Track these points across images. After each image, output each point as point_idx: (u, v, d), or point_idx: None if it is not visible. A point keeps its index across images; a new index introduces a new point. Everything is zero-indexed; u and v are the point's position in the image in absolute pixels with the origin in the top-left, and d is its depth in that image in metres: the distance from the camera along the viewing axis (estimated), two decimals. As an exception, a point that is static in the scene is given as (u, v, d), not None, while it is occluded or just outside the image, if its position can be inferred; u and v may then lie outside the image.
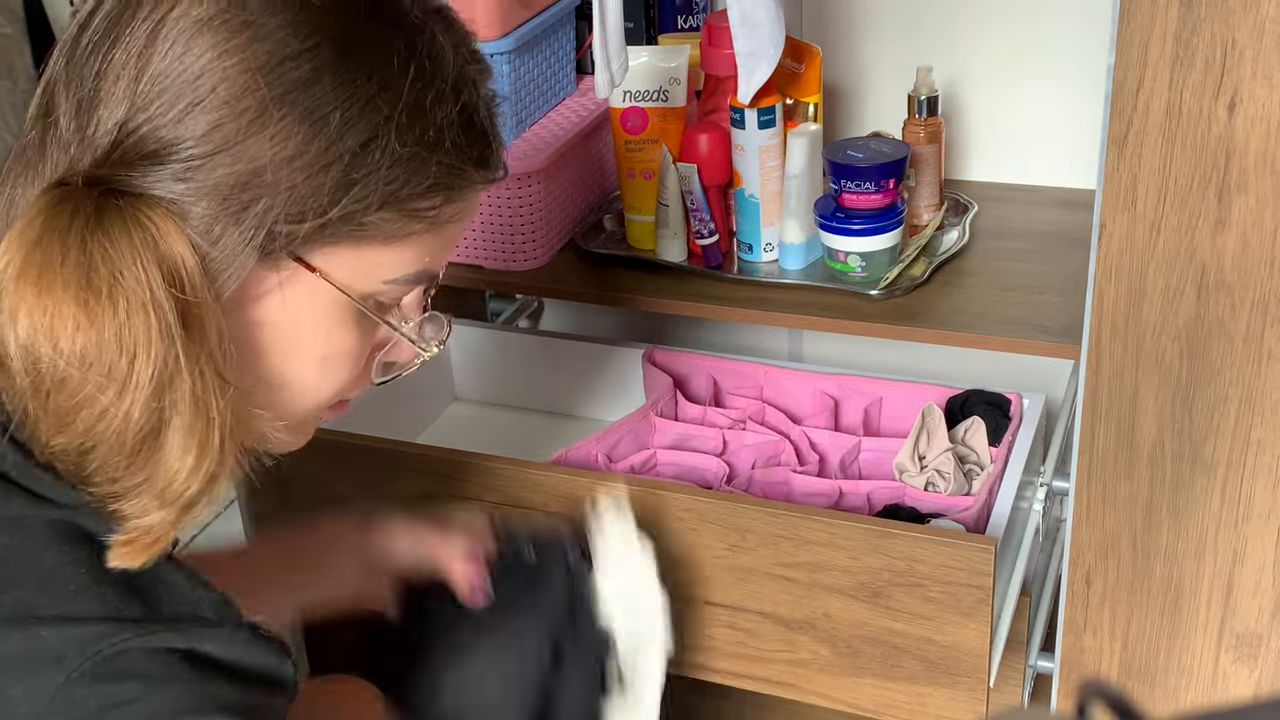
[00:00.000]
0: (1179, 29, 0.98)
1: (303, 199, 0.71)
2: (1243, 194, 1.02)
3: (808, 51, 1.35)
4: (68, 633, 0.68)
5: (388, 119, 0.72)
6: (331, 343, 0.77)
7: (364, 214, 0.73)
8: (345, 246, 0.74)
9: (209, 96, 0.69)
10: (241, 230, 0.70)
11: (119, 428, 0.68)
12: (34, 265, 0.67)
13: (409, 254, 0.77)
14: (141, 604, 0.70)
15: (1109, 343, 1.11)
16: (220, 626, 0.72)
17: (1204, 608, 1.18)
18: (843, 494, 1.32)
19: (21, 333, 0.67)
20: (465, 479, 1.28)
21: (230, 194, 0.70)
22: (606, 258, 1.43)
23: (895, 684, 1.21)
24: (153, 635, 0.69)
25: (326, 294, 0.75)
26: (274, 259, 0.73)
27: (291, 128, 0.70)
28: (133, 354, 0.67)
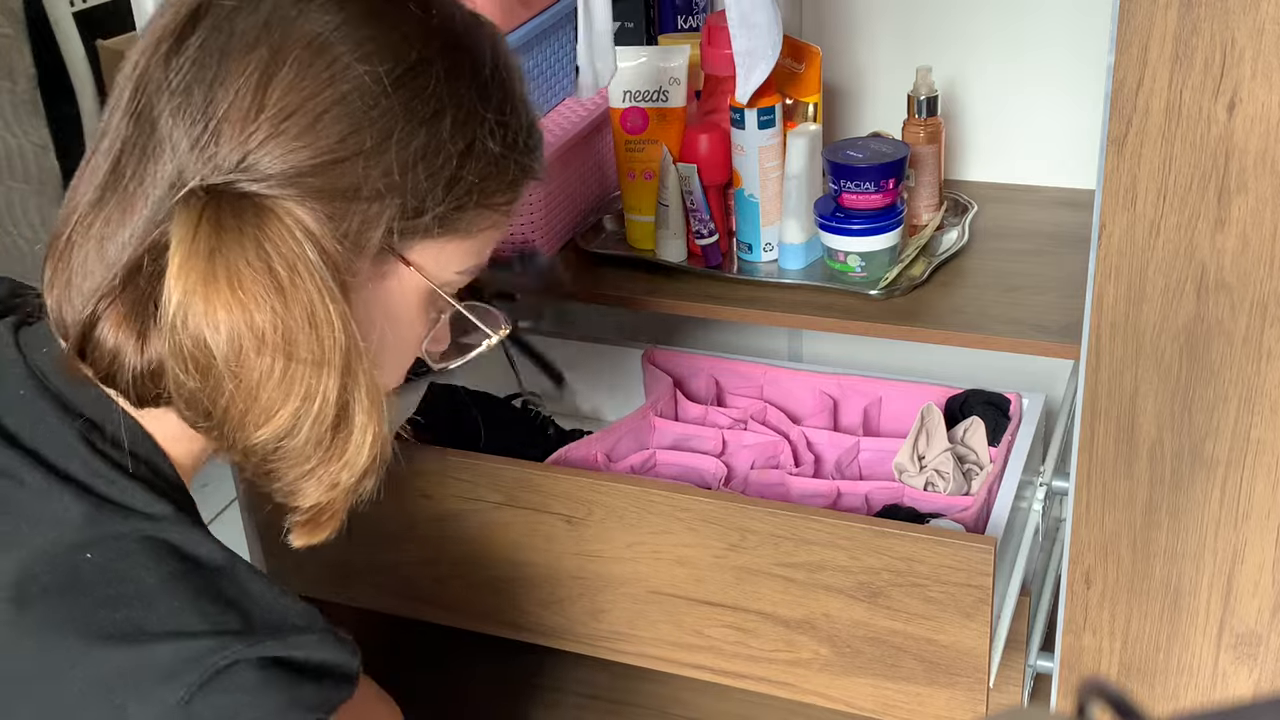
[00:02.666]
0: (1179, 29, 0.98)
1: (419, 198, 0.76)
2: (1242, 194, 1.02)
3: (807, 51, 1.36)
4: (180, 648, 0.71)
5: (482, 123, 0.78)
6: (411, 331, 0.83)
7: (461, 211, 0.79)
8: (437, 242, 0.80)
9: (337, 107, 0.73)
10: (365, 228, 0.75)
11: (319, 408, 0.73)
12: (221, 267, 0.70)
13: (479, 246, 0.83)
14: (239, 615, 0.74)
15: (1109, 342, 1.11)
16: (311, 633, 0.76)
17: (1204, 607, 1.18)
18: (841, 494, 1.32)
19: (224, 331, 0.71)
20: (465, 479, 1.28)
21: (359, 195, 0.74)
22: (606, 258, 1.43)
23: (895, 684, 1.21)
24: (259, 645, 0.73)
25: (416, 285, 0.81)
26: (383, 256, 0.78)
27: (414, 133, 0.75)
28: (322, 335, 0.72)
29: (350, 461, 0.76)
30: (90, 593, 0.72)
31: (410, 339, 0.84)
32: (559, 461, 1.32)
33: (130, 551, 0.74)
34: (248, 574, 0.77)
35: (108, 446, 0.77)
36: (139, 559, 0.74)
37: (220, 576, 0.76)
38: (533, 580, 1.31)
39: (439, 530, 1.32)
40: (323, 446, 0.75)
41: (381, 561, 1.38)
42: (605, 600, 1.29)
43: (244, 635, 0.73)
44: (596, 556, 1.27)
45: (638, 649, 1.31)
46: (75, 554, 0.73)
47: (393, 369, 0.85)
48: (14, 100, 1.32)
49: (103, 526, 0.74)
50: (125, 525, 0.75)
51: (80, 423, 0.78)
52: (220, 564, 0.76)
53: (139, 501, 0.76)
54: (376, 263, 0.78)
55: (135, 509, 0.76)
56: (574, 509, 1.25)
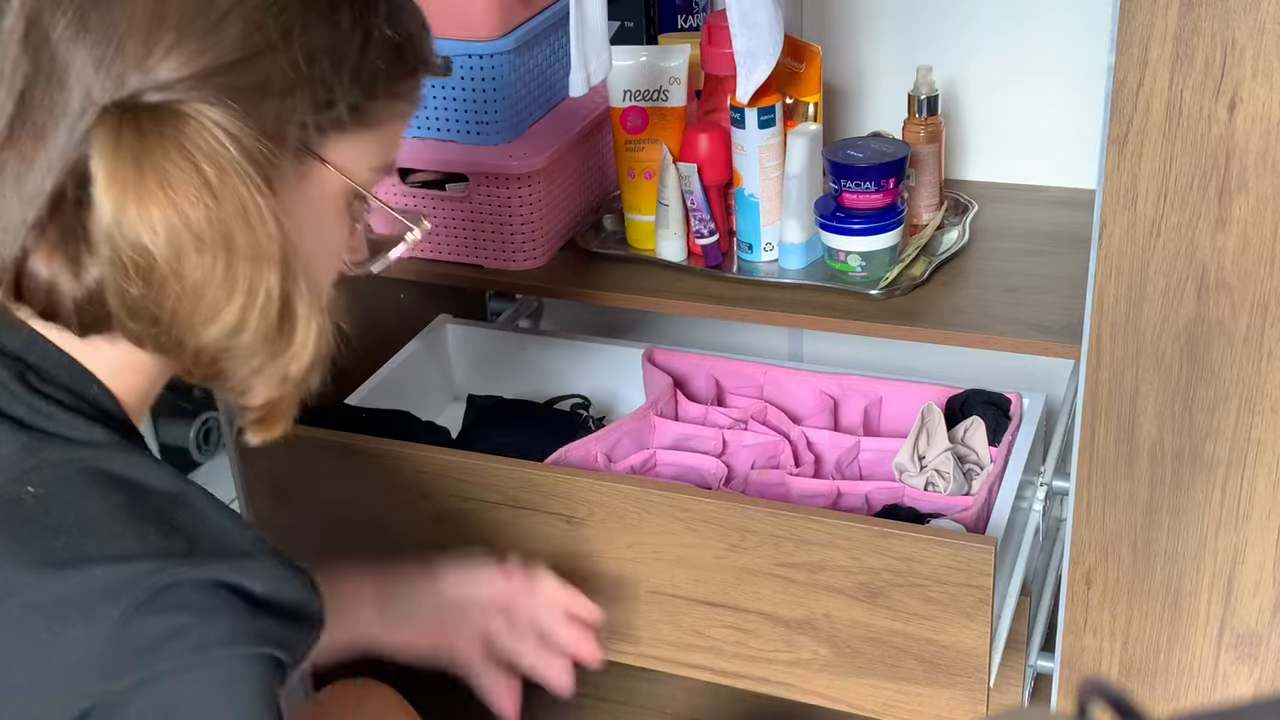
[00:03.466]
0: (1179, 29, 0.98)
1: (328, 89, 0.78)
2: (1243, 193, 1.02)
3: (808, 51, 1.35)
4: (120, 570, 0.71)
5: (376, 13, 0.80)
6: (336, 234, 0.85)
7: (369, 100, 0.80)
8: (349, 137, 0.81)
9: (237, 8, 0.75)
10: (280, 125, 0.76)
11: (264, 302, 0.74)
12: (150, 172, 0.71)
13: (389, 141, 0.85)
14: (184, 540, 0.74)
15: (1109, 342, 1.11)
16: (259, 559, 0.75)
17: (1204, 607, 1.18)
18: (841, 494, 1.32)
19: (162, 232, 0.72)
20: (465, 479, 1.28)
21: (268, 94, 0.75)
22: (606, 258, 1.43)
23: (895, 684, 1.21)
24: (202, 567, 0.72)
25: (336, 185, 0.82)
26: (301, 155, 0.79)
27: (314, 25, 0.77)
28: (257, 228, 0.73)
29: (297, 354, 0.77)
30: (30, 523, 0.73)
31: (335, 242, 0.85)
32: (559, 461, 1.32)
33: (71, 481, 0.74)
34: (200, 500, 0.77)
35: (45, 385, 0.78)
36: (79, 488, 0.74)
37: (167, 502, 0.75)
38: (533, 580, 1.31)
39: (439, 530, 1.32)
40: (270, 341, 0.75)
41: (381, 562, 1.38)
42: (605, 600, 1.28)
43: (187, 557, 0.72)
44: (596, 557, 1.27)
45: (638, 649, 1.31)
46: (15, 487, 0.74)
47: (323, 274, 0.85)
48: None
49: (41, 455, 0.75)
50: (65, 454, 0.75)
51: (16, 364, 0.78)
52: (169, 490, 0.76)
53: (78, 431, 0.76)
54: (296, 164, 0.79)
55: (74, 439, 0.76)
56: (574, 509, 1.25)
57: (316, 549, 1.40)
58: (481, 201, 1.39)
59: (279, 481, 1.38)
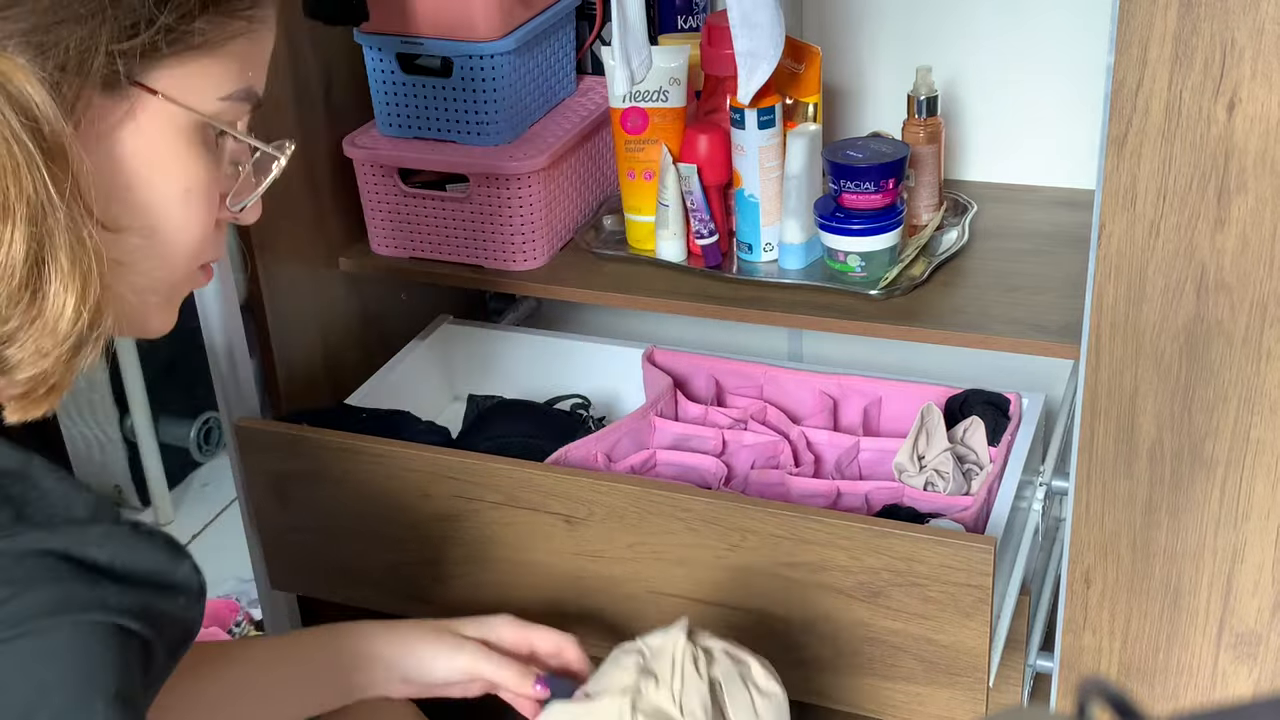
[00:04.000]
0: (1178, 29, 0.98)
1: (132, 10, 0.71)
2: (1242, 194, 1.02)
3: (808, 51, 1.36)
4: None
5: None
6: (188, 172, 0.77)
7: (190, 20, 0.74)
8: (179, 63, 0.75)
9: None
10: (83, 55, 0.70)
11: (4, 261, 0.68)
12: None
13: (234, 67, 0.78)
14: (11, 511, 0.68)
15: (1108, 342, 1.11)
16: (95, 524, 0.70)
17: (1203, 607, 1.18)
18: (841, 494, 1.32)
19: None
20: (465, 479, 1.28)
21: (63, 18, 0.70)
22: (606, 258, 1.43)
23: (895, 684, 1.21)
24: (18, 538, 0.67)
25: (175, 118, 0.76)
26: (118, 87, 0.73)
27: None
28: (4, 184, 0.67)
29: (53, 328, 0.70)
30: None
31: (192, 185, 0.78)
32: (559, 461, 1.32)
33: None
34: (40, 472, 0.71)
35: None
36: None
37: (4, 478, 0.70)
38: (532, 580, 1.31)
39: (439, 530, 1.32)
40: (20, 308, 0.69)
41: (381, 561, 1.38)
42: (605, 600, 1.29)
43: (5, 528, 0.67)
44: (596, 556, 1.27)
45: (638, 649, 1.31)
46: None
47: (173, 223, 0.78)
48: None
49: None
50: None
51: None
52: (9, 467, 0.71)
53: None
54: (113, 97, 0.73)
55: None
56: (574, 509, 1.25)
57: (317, 549, 1.40)
58: (481, 201, 1.39)
59: (279, 481, 1.38)
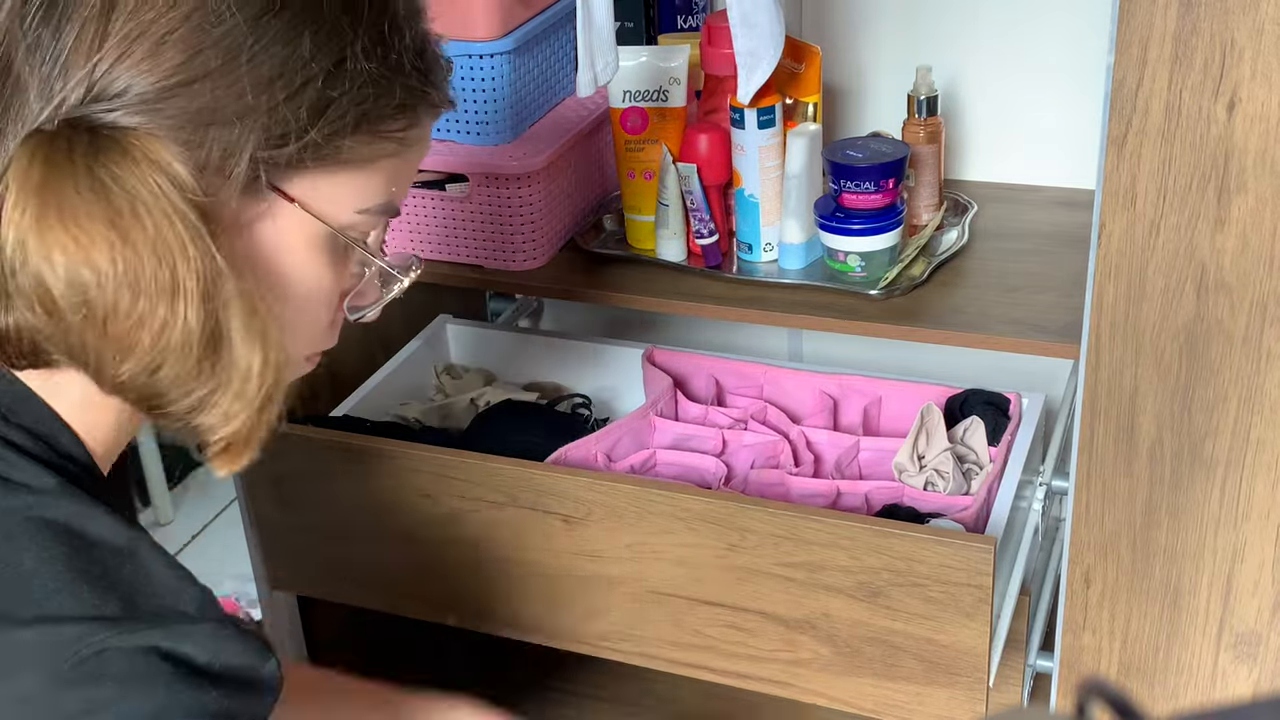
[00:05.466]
0: (1178, 29, 0.98)
1: (283, 121, 0.72)
2: (1242, 194, 1.02)
3: (807, 51, 1.36)
4: (46, 634, 0.67)
5: (353, 41, 0.74)
6: (311, 278, 0.78)
7: (339, 137, 0.74)
8: (322, 175, 0.75)
9: (182, 26, 0.70)
10: (226, 157, 0.71)
11: (182, 338, 0.69)
12: (51, 203, 0.67)
13: (378, 182, 0.78)
14: (120, 600, 0.69)
15: (1108, 342, 1.11)
16: (202, 623, 0.70)
17: (1203, 607, 1.18)
18: (841, 494, 1.32)
19: (60, 270, 0.67)
20: (465, 479, 1.29)
21: (213, 120, 0.71)
22: (606, 258, 1.43)
23: (895, 684, 1.21)
24: (133, 634, 0.68)
25: (307, 226, 0.76)
26: (257, 189, 0.74)
27: (266, 50, 0.71)
28: (172, 262, 0.68)
29: (240, 391, 0.71)
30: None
31: (317, 289, 0.79)
32: (559, 461, 1.32)
33: (13, 532, 0.70)
34: (150, 555, 0.72)
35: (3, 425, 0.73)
36: (20, 540, 0.70)
37: (113, 557, 0.70)
38: (532, 580, 1.31)
39: (439, 530, 1.32)
40: (202, 378, 0.70)
41: (381, 561, 1.38)
42: (605, 600, 1.29)
43: (118, 622, 0.67)
44: (596, 556, 1.27)
45: (638, 649, 1.31)
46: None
47: (304, 324, 0.80)
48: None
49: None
50: (7, 501, 0.71)
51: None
52: (117, 544, 0.71)
53: (25, 475, 0.72)
54: (252, 199, 0.74)
55: (19, 483, 0.71)
56: (574, 509, 1.25)
57: (317, 549, 1.40)
58: (481, 201, 1.39)
59: (279, 481, 1.38)
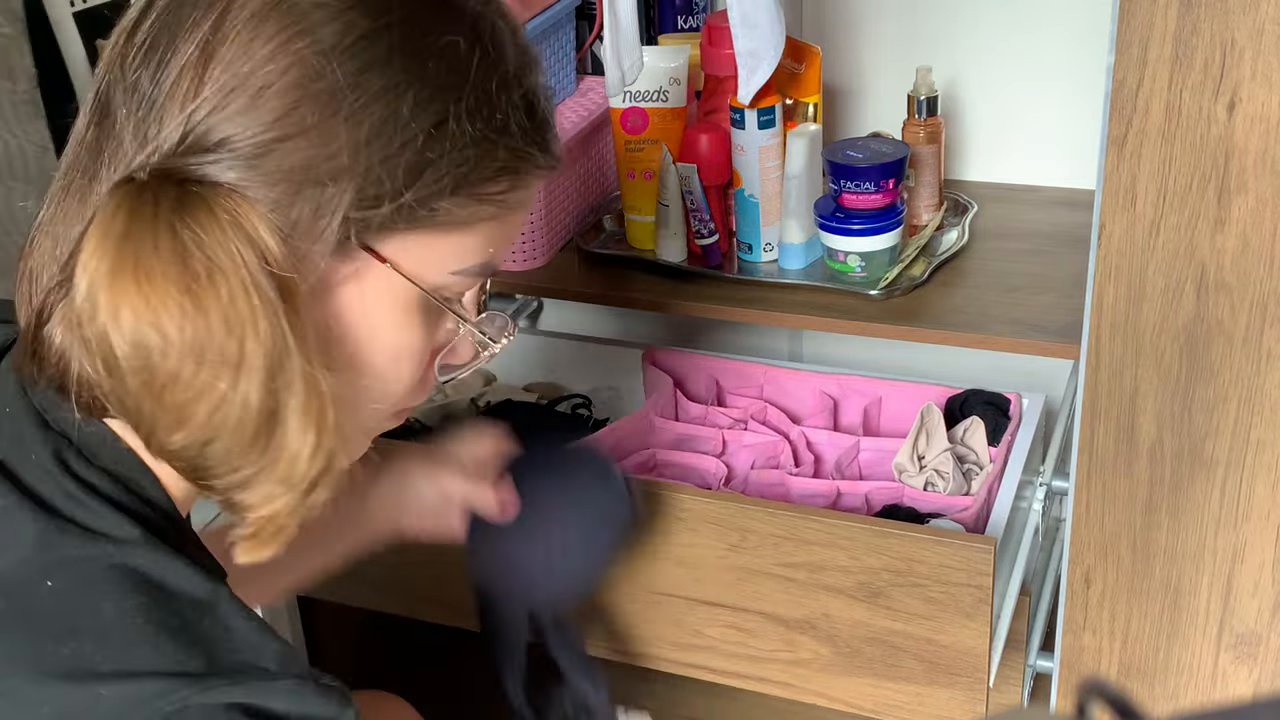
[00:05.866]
0: (1178, 29, 0.98)
1: (378, 182, 0.69)
2: (1242, 194, 1.02)
3: (808, 51, 1.36)
4: (127, 690, 0.65)
5: (457, 100, 0.71)
6: (400, 339, 0.75)
7: (436, 199, 0.71)
8: (416, 235, 0.72)
9: (280, 80, 0.68)
10: (318, 216, 0.69)
11: (239, 414, 0.67)
12: (128, 258, 0.65)
13: (475, 243, 0.75)
14: (203, 655, 0.67)
15: (1108, 342, 1.11)
16: (283, 679, 0.68)
17: (1203, 607, 1.18)
18: (841, 494, 1.32)
19: (127, 329, 0.65)
20: (465, 479, 1.28)
21: (306, 178, 0.68)
22: (606, 258, 1.43)
23: (895, 684, 1.21)
24: (214, 690, 0.66)
25: (398, 286, 0.73)
26: (347, 249, 0.71)
27: (365, 109, 0.68)
28: (241, 335, 0.66)
29: (286, 475, 0.69)
30: (44, 624, 0.67)
31: (407, 348, 0.76)
32: (559, 461, 1.32)
33: (93, 580, 0.68)
34: (230, 608, 0.70)
35: (81, 465, 0.71)
36: (102, 588, 0.67)
37: (193, 610, 0.69)
38: (533, 580, 1.31)
39: (439, 530, 1.32)
40: (252, 455, 0.68)
41: (381, 561, 1.38)
42: (605, 600, 1.29)
43: (200, 679, 0.66)
44: (596, 556, 1.27)
45: (638, 649, 1.31)
46: (35, 581, 0.68)
47: (391, 381, 0.77)
48: (14, 100, 1.32)
49: (60, 550, 0.68)
50: (88, 550, 0.68)
51: (58, 439, 0.72)
52: (198, 596, 0.69)
53: (107, 524, 0.69)
54: (341, 258, 0.71)
55: (100, 532, 0.69)
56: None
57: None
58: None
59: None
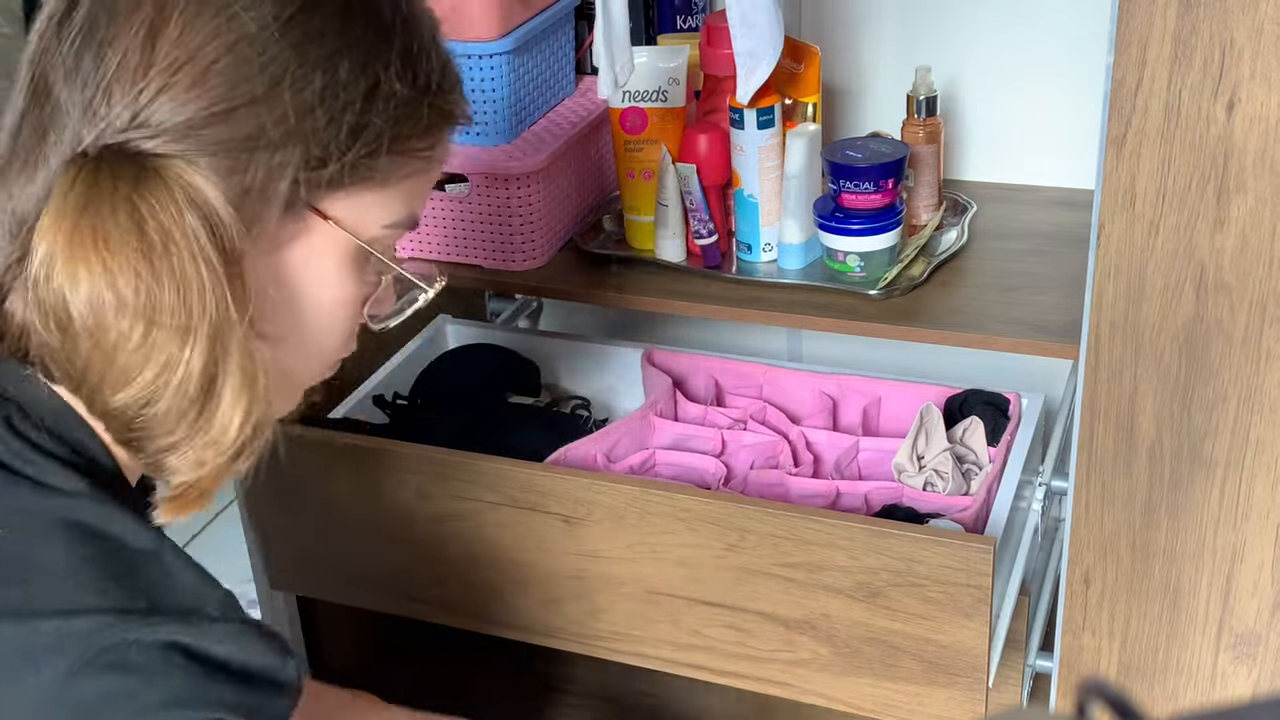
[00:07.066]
0: (1178, 29, 0.98)
1: (324, 145, 0.74)
2: (1241, 194, 1.02)
3: (807, 51, 1.36)
4: (69, 625, 0.68)
5: (387, 65, 0.76)
6: (341, 290, 0.80)
7: (374, 157, 0.76)
8: (353, 193, 0.77)
9: (226, 56, 0.71)
10: (267, 182, 0.73)
11: (182, 378, 0.71)
12: (88, 226, 0.69)
13: (402, 197, 0.80)
14: (144, 597, 0.71)
15: (1108, 342, 1.11)
16: (224, 623, 0.72)
17: (1203, 607, 1.18)
18: (840, 494, 1.32)
19: (84, 291, 0.69)
20: (465, 479, 1.28)
21: (256, 147, 0.72)
22: (606, 258, 1.43)
23: (894, 684, 1.21)
24: (156, 628, 0.69)
25: (340, 242, 0.78)
26: (295, 210, 0.76)
27: (307, 78, 0.73)
28: (190, 303, 0.70)
29: (216, 440, 0.73)
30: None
31: (342, 300, 0.81)
32: (559, 462, 1.32)
33: (43, 531, 0.72)
34: (174, 558, 0.74)
35: (27, 426, 0.75)
36: (51, 539, 0.71)
37: (138, 558, 0.72)
38: (532, 580, 1.31)
39: (439, 530, 1.32)
40: (187, 420, 0.72)
41: (381, 561, 1.38)
42: (605, 600, 1.29)
43: (144, 616, 0.69)
44: (596, 557, 1.27)
45: (637, 649, 1.31)
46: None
47: (328, 334, 0.82)
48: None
49: (13, 502, 0.72)
50: (36, 501, 0.72)
51: (5, 405, 0.75)
52: (142, 546, 0.73)
53: (56, 479, 0.73)
54: (289, 219, 0.75)
55: (48, 485, 0.73)
56: (573, 509, 1.25)
57: (317, 549, 1.40)
58: (481, 201, 1.39)
59: (279, 481, 1.38)
